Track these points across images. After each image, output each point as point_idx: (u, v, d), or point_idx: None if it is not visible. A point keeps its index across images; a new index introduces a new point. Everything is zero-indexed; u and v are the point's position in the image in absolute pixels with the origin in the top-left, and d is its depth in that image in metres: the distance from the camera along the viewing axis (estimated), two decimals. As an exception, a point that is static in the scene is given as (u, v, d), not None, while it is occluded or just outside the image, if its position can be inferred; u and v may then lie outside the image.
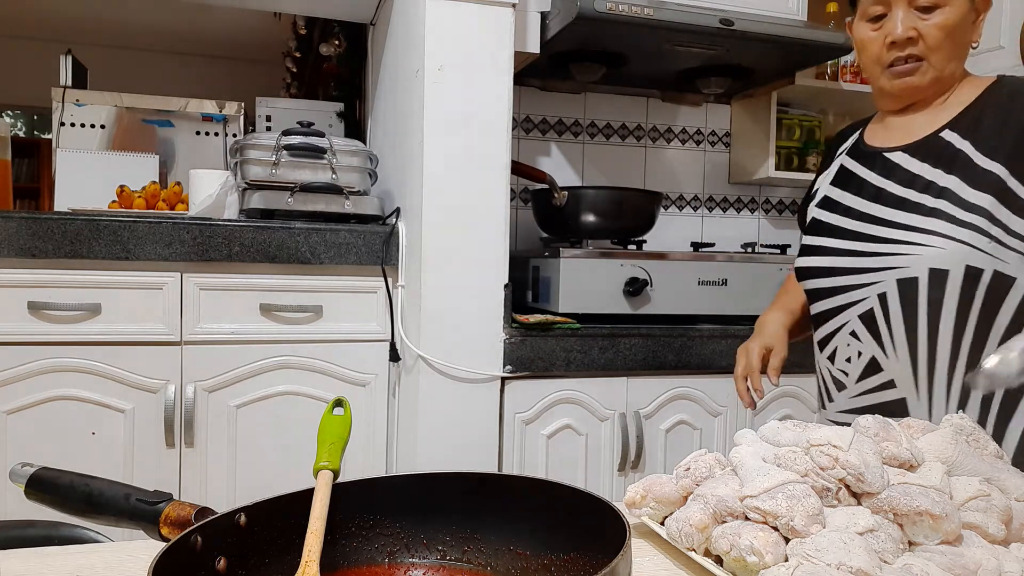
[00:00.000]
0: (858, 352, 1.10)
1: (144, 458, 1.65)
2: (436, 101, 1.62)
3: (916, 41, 1.05)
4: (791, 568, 0.53)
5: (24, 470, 0.61)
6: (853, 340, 1.10)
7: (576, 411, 1.75)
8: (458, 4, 1.63)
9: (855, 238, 1.10)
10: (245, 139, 1.85)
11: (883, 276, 1.06)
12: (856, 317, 1.09)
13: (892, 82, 1.09)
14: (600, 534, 0.53)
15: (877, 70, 1.11)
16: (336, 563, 0.58)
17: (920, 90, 1.09)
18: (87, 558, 0.64)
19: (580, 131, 2.39)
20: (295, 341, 1.73)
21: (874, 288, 1.07)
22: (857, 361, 1.10)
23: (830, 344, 1.14)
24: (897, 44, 1.06)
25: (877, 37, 1.09)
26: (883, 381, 1.08)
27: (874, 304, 1.07)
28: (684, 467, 0.71)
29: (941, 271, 1.01)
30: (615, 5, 1.74)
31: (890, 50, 1.07)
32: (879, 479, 0.60)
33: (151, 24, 4.68)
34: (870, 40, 1.10)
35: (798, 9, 2.03)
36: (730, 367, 1.86)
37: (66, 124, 2.35)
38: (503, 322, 1.67)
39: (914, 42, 1.05)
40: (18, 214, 1.55)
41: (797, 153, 2.51)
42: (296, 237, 1.70)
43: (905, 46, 1.06)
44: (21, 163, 5.43)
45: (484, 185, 1.66)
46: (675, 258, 1.91)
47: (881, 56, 1.09)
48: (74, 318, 1.60)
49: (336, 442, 0.62)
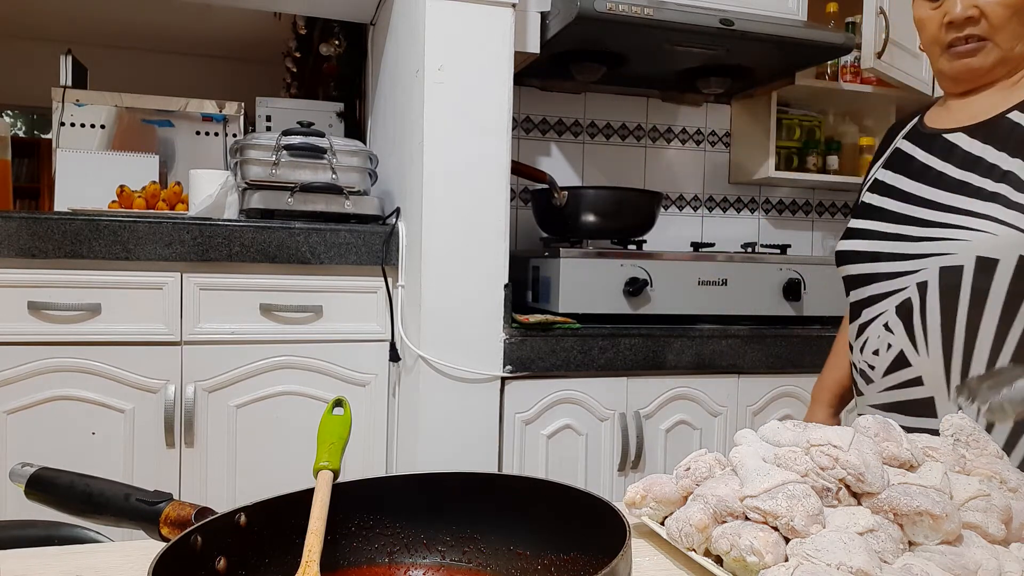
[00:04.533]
0: (887, 344, 1.03)
1: (144, 458, 1.65)
2: (436, 101, 1.62)
3: (977, 20, 0.98)
4: (791, 568, 0.53)
5: (24, 470, 0.61)
6: (884, 332, 1.04)
7: (576, 411, 1.75)
8: (458, 4, 1.63)
9: (903, 221, 1.03)
10: (245, 139, 1.85)
11: (926, 264, 0.99)
12: (893, 308, 1.03)
13: (951, 63, 1.02)
14: (600, 534, 0.53)
15: (936, 51, 1.04)
16: (336, 563, 0.58)
17: (983, 72, 1.01)
18: (87, 558, 0.64)
19: (580, 131, 2.39)
20: (295, 341, 1.73)
21: (915, 277, 1.00)
22: (885, 354, 1.04)
23: (863, 335, 1.08)
24: (955, 24, 0.99)
25: (935, 16, 1.02)
26: (910, 377, 1.02)
27: (912, 294, 1.00)
28: (684, 467, 0.70)
29: (990, 260, 0.93)
30: (615, 5, 1.74)
31: (948, 30, 1.01)
32: (879, 479, 0.60)
33: (151, 24, 4.68)
34: (928, 19, 1.04)
35: (798, 9, 2.03)
36: (730, 367, 1.87)
37: (66, 124, 2.35)
38: (503, 322, 1.67)
39: (975, 21, 0.98)
40: (18, 214, 1.55)
41: (797, 153, 2.51)
42: (296, 237, 1.70)
43: (964, 26, 0.99)
44: (21, 163, 5.43)
45: (484, 185, 1.66)
46: (675, 258, 1.91)
47: (939, 36, 1.02)
48: (74, 318, 1.60)
49: (336, 442, 0.62)
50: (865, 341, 1.08)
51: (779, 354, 1.87)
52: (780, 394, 1.90)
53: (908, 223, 1.03)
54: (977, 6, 0.98)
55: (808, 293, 1.98)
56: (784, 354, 1.87)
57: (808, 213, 2.65)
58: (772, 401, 1.90)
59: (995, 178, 0.96)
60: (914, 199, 1.04)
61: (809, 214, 2.65)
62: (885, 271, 1.04)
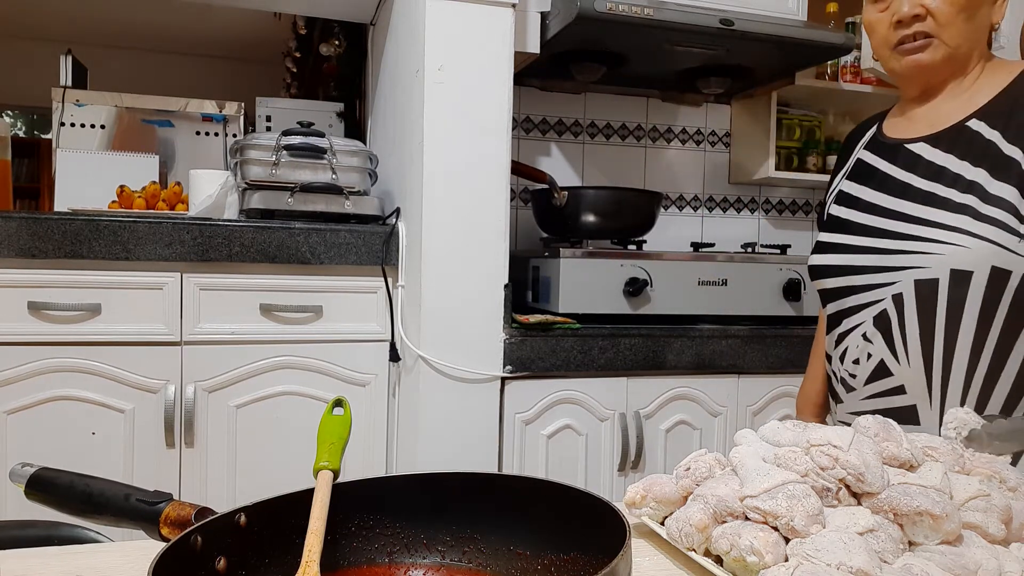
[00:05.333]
0: (867, 354, 1.05)
1: (144, 458, 1.65)
2: (436, 101, 1.62)
3: (924, 17, 1.01)
4: (791, 568, 0.53)
5: (24, 470, 0.61)
6: (863, 342, 1.05)
7: (576, 411, 1.75)
8: (458, 4, 1.63)
9: (874, 234, 1.04)
10: (245, 139, 1.85)
11: (900, 276, 1.00)
12: (871, 319, 1.04)
13: (900, 61, 1.04)
14: (600, 534, 0.53)
15: (886, 52, 1.06)
16: (336, 563, 0.58)
17: (932, 69, 1.03)
18: (87, 558, 0.64)
19: (580, 131, 2.39)
20: (295, 341, 1.73)
21: (890, 289, 1.01)
22: (866, 363, 1.05)
23: (842, 344, 1.10)
24: (903, 22, 1.02)
25: (884, 18, 1.04)
26: (892, 386, 1.03)
27: (888, 306, 1.02)
28: (684, 467, 0.70)
29: (964, 272, 0.95)
30: (615, 5, 1.74)
31: (896, 29, 1.03)
32: (879, 479, 0.60)
33: (151, 24, 4.68)
34: (877, 21, 1.06)
35: (798, 9, 2.03)
36: (730, 367, 1.87)
37: (66, 124, 2.35)
38: (503, 322, 1.67)
39: (921, 19, 1.01)
40: (18, 214, 1.55)
41: (797, 153, 2.51)
42: (296, 237, 1.70)
43: (911, 23, 1.01)
44: (21, 163, 5.43)
45: (484, 185, 1.66)
46: (675, 258, 1.91)
47: (888, 37, 1.05)
48: (74, 318, 1.60)
49: (336, 442, 0.62)
50: (845, 350, 1.09)
51: (779, 354, 1.87)
52: (780, 394, 1.90)
53: (879, 235, 1.04)
54: (923, 4, 1.00)
55: (808, 293, 1.98)
56: (784, 354, 1.87)
57: (808, 213, 2.65)
58: (772, 401, 1.90)
59: (961, 188, 0.98)
60: (882, 211, 1.05)
61: (809, 214, 2.65)
62: (860, 283, 1.06)
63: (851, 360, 1.08)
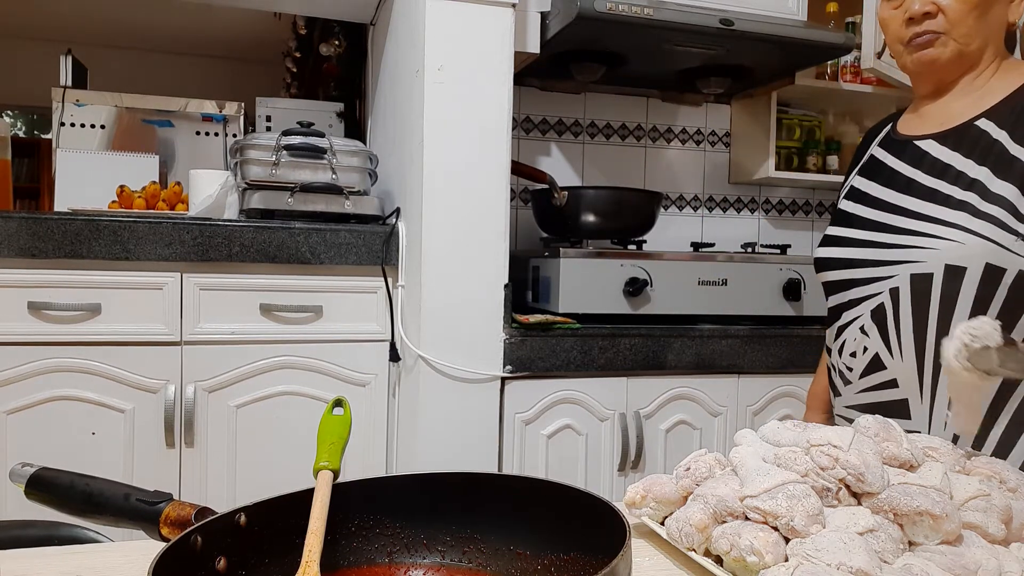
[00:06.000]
0: (863, 347, 1.06)
1: (144, 458, 1.65)
2: (436, 101, 1.62)
3: (935, 15, 1.02)
4: (791, 568, 0.53)
5: (24, 470, 0.61)
6: (860, 335, 1.07)
7: (576, 411, 1.75)
8: (458, 4, 1.63)
9: (878, 229, 1.06)
10: (245, 139, 1.85)
11: (898, 270, 1.01)
12: (868, 312, 1.05)
13: (912, 57, 1.06)
14: (600, 534, 0.53)
15: (899, 49, 1.08)
16: (336, 563, 0.58)
17: (942, 66, 1.05)
18: (87, 558, 0.64)
19: (580, 131, 2.39)
20: (295, 341, 1.73)
21: (888, 283, 1.03)
22: (861, 356, 1.07)
23: (841, 337, 1.11)
24: (915, 19, 1.03)
25: (896, 14, 1.06)
26: (885, 380, 1.04)
27: (885, 300, 1.03)
28: (684, 467, 0.71)
29: (958, 268, 0.96)
30: (615, 5, 1.74)
31: (908, 26, 1.04)
32: (879, 479, 0.60)
33: (151, 24, 4.68)
34: (890, 18, 1.08)
35: (798, 9, 2.03)
36: (730, 367, 1.87)
37: (66, 124, 2.35)
38: (503, 322, 1.67)
39: (932, 16, 1.02)
40: (18, 214, 1.55)
41: (797, 153, 2.51)
42: (296, 237, 1.70)
43: (922, 20, 1.03)
44: (21, 163, 5.43)
45: (484, 185, 1.66)
46: (675, 258, 1.91)
47: (900, 33, 1.06)
48: (74, 318, 1.60)
49: (336, 442, 0.62)
50: (843, 343, 1.11)
51: (779, 354, 1.87)
52: (780, 394, 1.90)
53: (881, 230, 1.05)
54: (934, 1, 1.02)
55: (808, 293, 1.98)
56: (784, 354, 1.87)
57: (808, 213, 2.65)
58: (772, 401, 1.90)
59: (963, 186, 0.98)
60: (887, 206, 1.06)
61: (809, 214, 2.65)
62: (860, 277, 1.07)
63: (848, 353, 1.09)
